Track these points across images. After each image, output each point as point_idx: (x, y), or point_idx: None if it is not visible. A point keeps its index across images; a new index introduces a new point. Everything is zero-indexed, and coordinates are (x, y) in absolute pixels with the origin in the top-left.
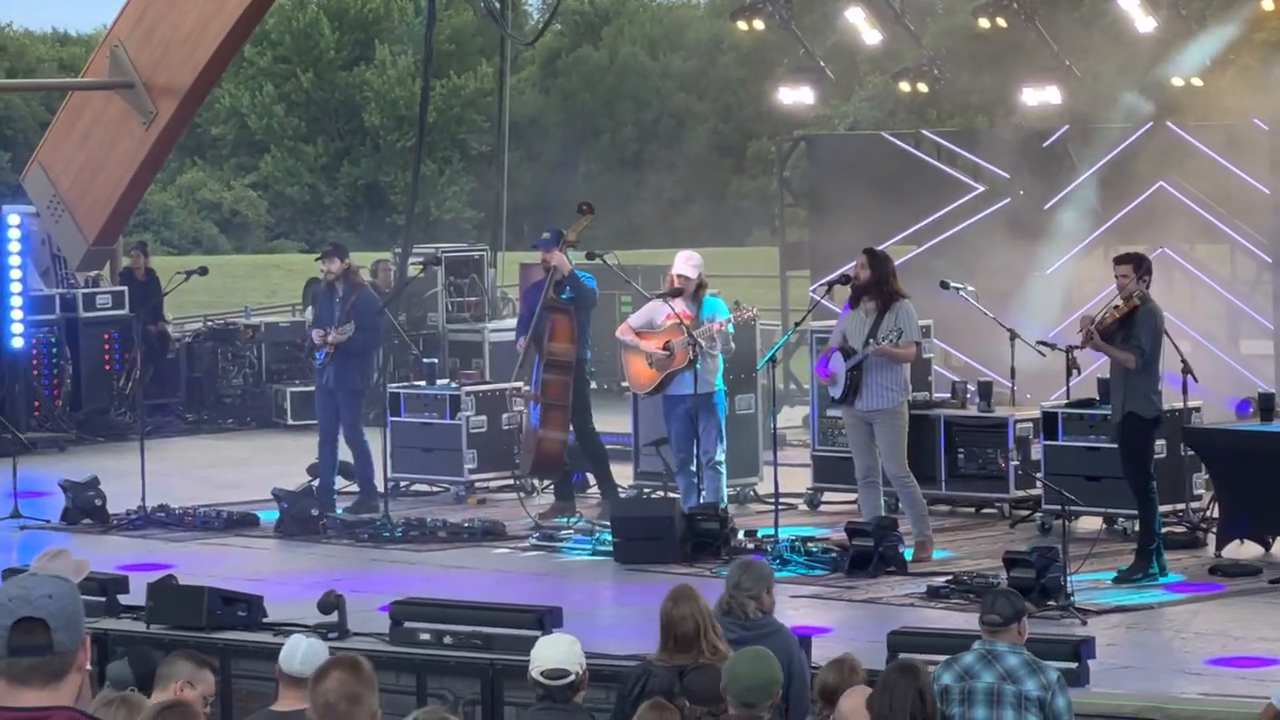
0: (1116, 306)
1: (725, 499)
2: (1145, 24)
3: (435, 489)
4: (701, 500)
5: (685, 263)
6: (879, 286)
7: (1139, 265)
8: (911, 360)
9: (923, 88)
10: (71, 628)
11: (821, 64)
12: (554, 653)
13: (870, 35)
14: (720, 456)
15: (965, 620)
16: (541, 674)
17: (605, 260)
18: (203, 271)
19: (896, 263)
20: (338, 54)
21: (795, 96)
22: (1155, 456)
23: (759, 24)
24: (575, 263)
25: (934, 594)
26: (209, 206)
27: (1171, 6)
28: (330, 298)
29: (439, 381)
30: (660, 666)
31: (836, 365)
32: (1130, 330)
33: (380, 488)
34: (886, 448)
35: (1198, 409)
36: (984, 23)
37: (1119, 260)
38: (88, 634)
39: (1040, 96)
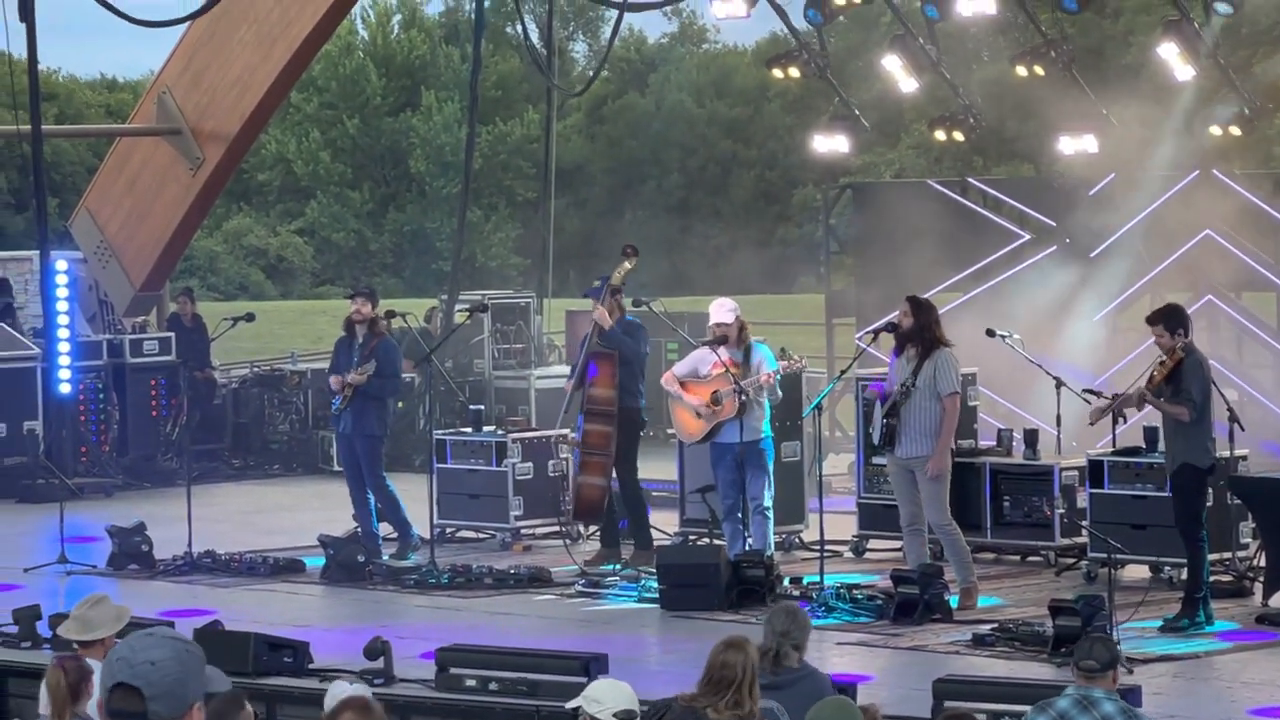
0: (1162, 362)
1: (772, 545)
2: (1184, 73)
3: (481, 535)
4: (748, 546)
5: (720, 310)
6: (921, 334)
7: (1168, 320)
8: (956, 412)
9: (959, 136)
10: (172, 697)
11: (856, 113)
12: (618, 694)
13: (906, 83)
14: (768, 502)
15: (1009, 668)
16: (615, 715)
17: (651, 307)
18: (250, 318)
19: (942, 310)
20: (384, 100)
21: (830, 145)
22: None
23: (794, 71)
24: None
25: (979, 641)
26: (255, 252)
27: (1210, 55)
28: (349, 343)
29: (485, 428)
30: (681, 706)
31: (877, 411)
32: (1179, 383)
33: (414, 526)
34: (928, 496)
35: (1244, 457)
36: (1022, 71)
37: (1149, 321)
38: (199, 702)
39: (1077, 145)
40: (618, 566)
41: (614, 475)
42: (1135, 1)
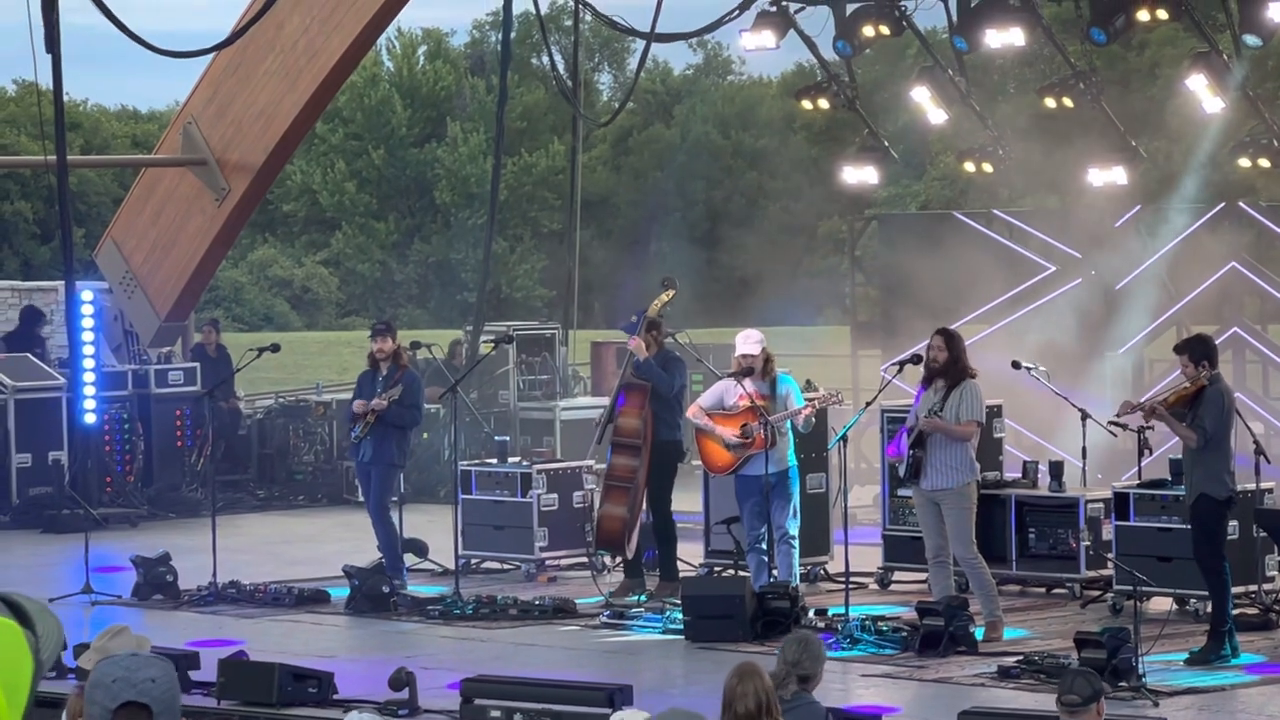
0: (1186, 387)
1: (798, 575)
2: (1213, 105)
3: (506, 566)
4: (774, 576)
5: (746, 342)
6: (954, 365)
7: (1194, 350)
8: (969, 439)
9: (988, 168)
10: (172, 712)
11: (885, 144)
12: None
13: (936, 115)
14: (794, 531)
15: (1036, 701)
16: None
17: (676, 338)
18: (275, 348)
19: (968, 342)
20: (409, 131)
21: (859, 176)
22: (1227, 538)
23: (823, 103)
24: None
25: (1005, 674)
26: (280, 283)
27: (1240, 88)
28: (373, 376)
29: (510, 459)
30: None
31: (903, 444)
32: (1196, 410)
33: (405, 566)
34: (952, 528)
35: (1270, 490)
36: (1050, 103)
37: (1176, 350)
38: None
39: (1106, 177)
40: (643, 598)
41: (643, 506)
42: (1161, 34)
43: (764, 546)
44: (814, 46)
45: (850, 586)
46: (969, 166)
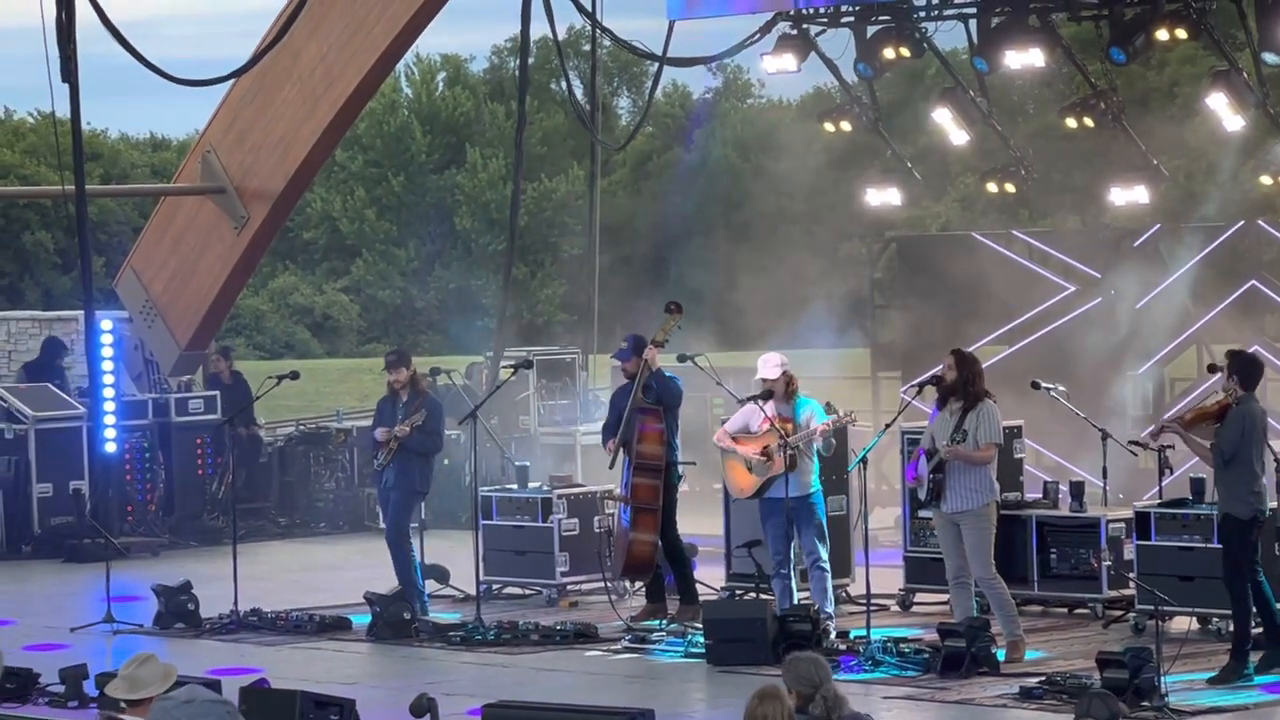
0: (1206, 405)
1: (832, 600)
2: (1234, 123)
3: (527, 592)
4: (812, 601)
5: (766, 365)
6: (965, 388)
7: (1231, 363)
8: (989, 462)
9: (1010, 188)
10: None
11: (909, 165)
12: None
13: (958, 136)
14: (824, 556)
15: None
16: None
17: (696, 362)
18: (294, 376)
19: (988, 363)
20: (429, 157)
21: (883, 198)
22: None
23: (846, 125)
24: (664, 364)
25: (1027, 695)
26: (301, 310)
27: (1260, 105)
28: (393, 403)
29: (531, 484)
30: None
31: (922, 468)
32: (1219, 429)
33: (426, 593)
34: (971, 549)
35: None
36: (1071, 123)
37: (1226, 355)
38: None
39: (1128, 196)
40: (664, 622)
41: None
42: (1179, 53)
43: (787, 570)
44: (835, 69)
45: (872, 608)
46: (992, 187)
